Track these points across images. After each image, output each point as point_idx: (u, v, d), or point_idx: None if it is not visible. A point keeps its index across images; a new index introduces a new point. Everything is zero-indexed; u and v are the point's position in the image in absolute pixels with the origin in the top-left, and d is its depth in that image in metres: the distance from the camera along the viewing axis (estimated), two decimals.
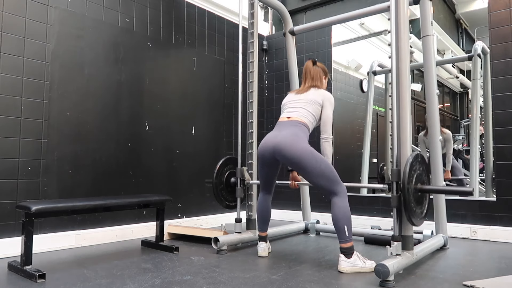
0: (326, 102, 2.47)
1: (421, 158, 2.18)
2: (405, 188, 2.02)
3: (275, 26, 5.04)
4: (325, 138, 2.41)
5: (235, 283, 1.96)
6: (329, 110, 2.46)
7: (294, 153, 2.27)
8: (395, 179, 2.11)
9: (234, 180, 2.97)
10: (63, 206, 2.25)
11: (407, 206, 2.03)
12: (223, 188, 2.95)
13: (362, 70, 4.74)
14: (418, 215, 2.13)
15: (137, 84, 3.31)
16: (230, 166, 3.01)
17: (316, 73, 2.60)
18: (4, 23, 2.57)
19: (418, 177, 2.13)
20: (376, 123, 4.65)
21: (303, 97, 2.51)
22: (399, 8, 2.32)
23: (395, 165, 2.17)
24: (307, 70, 2.62)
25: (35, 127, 2.69)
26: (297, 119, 2.43)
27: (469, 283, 1.96)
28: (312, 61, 2.64)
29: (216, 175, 2.90)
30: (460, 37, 5.25)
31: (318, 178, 2.27)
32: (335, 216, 2.25)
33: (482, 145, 3.90)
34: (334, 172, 2.30)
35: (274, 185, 2.65)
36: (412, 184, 2.08)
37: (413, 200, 2.08)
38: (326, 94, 2.51)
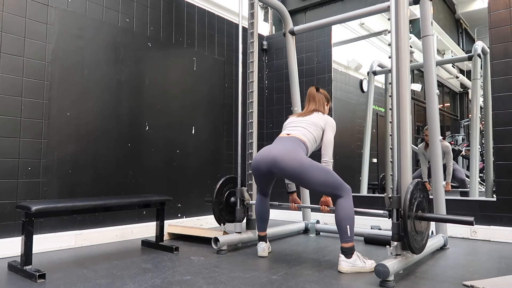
0: (328, 126, 2.50)
1: (421, 185, 2.18)
2: (406, 216, 2.02)
3: (275, 26, 5.04)
4: (325, 162, 2.41)
5: (235, 283, 1.96)
6: (330, 134, 2.48)
7: (291, 166, 2.25)
8: (396, 206, 2.11)
9: (234, 200, 2.98)
10: (63, 206, 2.25)
11: (408, 235, 2.03)
12: (223, 208, 2.96)
13: (362, 70, 4.74)
14: (418, 242, 2.13)
15: (137, 84, 3.31)
16: (230, 185, 3.02)
17: (319, 99, 2.66)
18: (4, 23, 2.57)
19: (418, 204, 2.13)
20: (376, 123, 4.65)
21: (306, 119, 2.55)
22: (399, 8, 2.32)
23: (395, 192, 2.15)
24: (310, 96, 2.67)
25: (35, 127, 2.69)
26: (296, 136, 2.44)
27: (469, 283, 1.96)
28: (315, 87, 2.70)
29: (216, 194, 2.91)
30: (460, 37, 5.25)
31: (320, 187, 2.28)
32: (339, 216, 2.25)
33: (482, 145, 3.90)
34: (336, 177, 2.30)
35: (271, 188, 2.65)
36: (413, 212, 2.08)
37: (413, 227, 2.08)
38: (328, 119, 2.55)
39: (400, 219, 2.08)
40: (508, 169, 3.09)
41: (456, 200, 3.38)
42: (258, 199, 2.64)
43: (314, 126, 2.50)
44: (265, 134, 4.72)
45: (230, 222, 3.00)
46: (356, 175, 4.47)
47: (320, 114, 2.58)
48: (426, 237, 2.22)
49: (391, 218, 2.13)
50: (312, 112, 2.60)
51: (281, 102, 4.67)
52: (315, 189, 2.30)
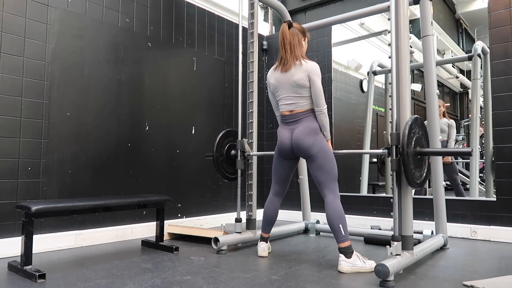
0: (312, 75, 2.36)
1: (420, 122, 2.19)
2: (404, 152, 2.03)
3: (275, 26, 5.04)
4: (319, 110, 2.39)
5: (235, 283, 1.96)
6: (317, 82, 2.37)
7: (307, 144, 2.36)
8: (394, 143, 2.12)
9: (234, 152, 2.99)
10: (63, 206, 2.25)
11: (406, 169, 2.04)
12: (223, 160, 2.96)
13: (362, 70, 4.74)
14: (418, 178, 2.14)
15: (137, 84, 3.31)
16: (230, 138, 3.02)
17: (293, 37, 2.43)
18: (4, 23, 2.57)
19: (417, 140, 2.14)
20: (376, 123, 4.65)
21: (289, 79, 2.41)
22: (399, 8, 2.32)
23: (395, 129, 2.17)
24: (283, 36, 2.44)
25: (35, 127, 2.69)
26: (299, 110, 2.44)
27: (469, 283, 1.96)
28: (288, 23, 2.47)
29: (216, 147, 2.91)
30: (460, 37, 5.25)
31: (318, 169, 2.33)
32: (330, 217, 2.28)
33: (482, 145, 3.90)
34: (335, 170, 2.36)
35: (287, 186, 2.65)
36: (412, 147, 2.09)
37: (412, 163, 2.08)
38: (309, 67, 2.37)
39: (399, 155, 2.09)
40: (508, 169, 3.08)
41: (456, 200, 3.38)
42: (270, 199, 2.65)
43: (301, 87, 2.39)
44: (265, 134, 4.72)
45: (231, 174, 3.01)
46: (356, 175, 4.47)
47: (299, 65, 2.38)
48: (425, 174, 2.23)
49: (390, 155, 2.14)
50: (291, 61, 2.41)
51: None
52: (315, 169, 2.35)
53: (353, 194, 4.03)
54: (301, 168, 3.67)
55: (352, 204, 3.86)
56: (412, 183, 2.09)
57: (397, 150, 2.11)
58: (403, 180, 2.16)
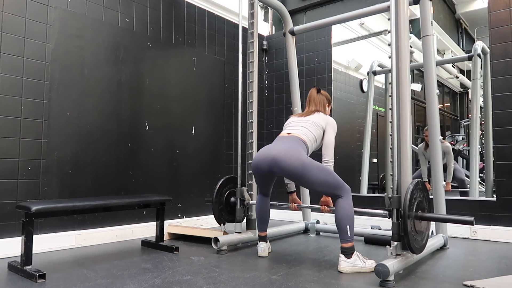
0: (329, 127, 2.50)
1: (421, 185, 2.18)
2: (406, 215, 2.02)
3: (275, 26, 5.04)
4: (327, 162, 2.42)
5: (235, 283, 1.96)
6: (331, 135, 2.48)
7: (291, 165, 2.24)
8: (396, 206, 2.11)
9: (234, 200, 2.98)
10: (63, 206, 2.25)
11: (408, 235, 2.02)
12: (223, 208, 2.96)
13: (362, 70, 4.74)
14: (419, 242, 2.13)
15: (137, 84, 3.31)
16: (230, 185, 3.02)
17: (320, 101, 2.66)
18: (4, 23, 2.57)
19: (418, 204, 2.13)
20: (376, 123, 4.65)
21: (306, 119, 2.55)
22: (399, 8, 2.32)
23: (395, 192, 2.15)
24: (311, 97, 2.68)
25: (35, 127, 2.69)
26: (297, 135, 2.44)
27: (469, 283, 1.96)
28: (317, 89, 2.71)
29: (216, 194, 2.91)
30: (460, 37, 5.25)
31: (320, 187, 2.28)
32: (338, 216, 2.26)
33: (482, 145, 3.90)
34: (336, 177, 2.30)
35: (271, 188, 2.65)
36: (413, 211, 2.08)
37: (413, 227, 2.08)
38: (329, 119, 2.55)
39: (400, 219, 2.08)
40: (508, 169, 3.09)
41: (456, 200, 3.38)
42: (259, 199, 2.65)
43: (315, 125, 2.50)
44: (265, 134, 4.72)
45: (230, 222, 3.00)
46: (356, 175, 4.47)
47: (321, 114, 2.59)
48: (426, 237, 2.22)
49: (391, 218, 2.13)
50: (313, 112, 2.61)
51: (281, 102, 4.67)
52: (315, 188, 2.30)
53: (353, 194, 3.98)
54: None
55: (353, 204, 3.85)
56: (413, 250, 2.06)
57: (398, 213, 2.10)
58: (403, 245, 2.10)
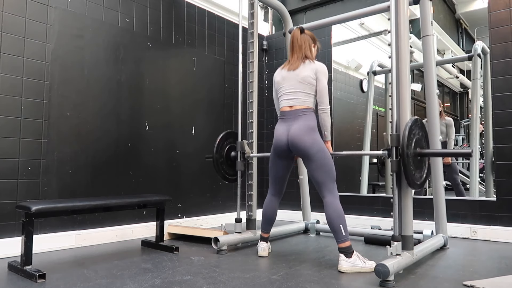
0: (320, 74, 2.43)
1: (420, 123, 2.19)
2: (404, 153, 2.03)
3: (275, 26, 5.04)
4: (323, 109, 2.42)
5: (235, 283, 1.96)
6: (323, 81, 2.44)
7: (305, 143, 2.34)
8: (394, 144, 2.12)
9: (234, 154, 2.99)
10: (63, 206, 2.25)
11: (406, 170, 2.04)
12: (223, 161, 2.96)
13: (362, 70, 4.74)
14: (418, 179, 2.14)
15: (137, 84, 3.31)
16: (230, 140, 3.02)
17: (304, 41, 2.50)
18: (4, 23, 2.57)
19: (417, 141, 2.14)
20: (376, 123, 4.65)
21: (296, 76, 2.45)
22: (399, 8, 2.32)
23: (394, 130, 2.17)
24: (294, 39, 2.51)
25: (35, 127, 2.69)
26: (300, 107, 2.43)
27: (469, 283, 1.96)
28: (300, 28, 2.55)
29: (216, 149, 2.91)
30: (460, 37, 5.25)
31: (318, 169, 2.32)
32: (330, 217, 2.27)
33: (482, 145, 3.90)
34: (333, 170, 2.35)
35: (285, 185, 2.64)
36: (412, 148, 2.09)
37: (412, 164, 2.08)
38: (318, 66, 2.45)
39: (399, 156, 2.09)
40: (508, 169, 3.09)
41: (456, 200, 3.38)
42: (268, 199, 2.65)
43: (307, 83, 2.43)
44: (265, 134, 4.72)
45: (231, 176, 3.01)
46: (356, 175, 4.47)
47: (308, 64, 2.45)
48: (425, 174, 2.23)
49: (390, 156, 2.14)
50: (299, 61, 2.47)
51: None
52: (314, 170, 2.34)
53: (353, 194, 4.03)
54: (301, 168, 3.67)
55: (352, 204, 3.86)
56: (412, 184, 2.09)
57: (397, 151, 2.11)
58: (403, 181, 2.17)
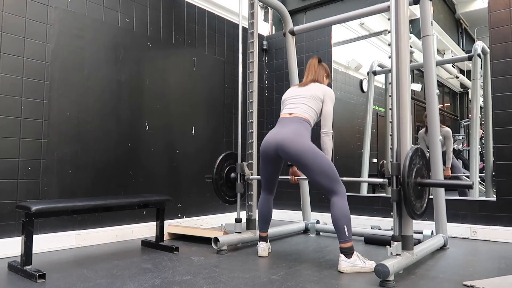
0: (327, 97, 2.50)
1: (421, 152, 2.19)
2: (405, 182, 2.03)
3: (275, 26, 5.04)
4: (325, 133, 2.43)
5: (235, 283, 1.96)
6: (329, 105, 2.49)
7: (296, 150, 2.29)
8: (395, 173, 2.12)
9: (234, 175, 2.98)
10: (63, 206, 2.25)
11: (407, 200, 2.04)
12: (223, 183, 2.96)
13: (362, 70, 4.74)
14: (418, 209, 2.13)
15: (137, 84, 3.31)
16: (230, 161, 3.01)
17: (319, 70, 2.65)
18: (4, 23, 2.57)
19: (418, 171, 2.14)
20: (376, 123, 4.65)
21: (304, 92, 2.53)
22: (399, 8, 2.32)
23: (395, 159, 2.17)
24: (310, 65, 2.66)
25: (35, 127, 2.69)
26: (299, 115, 2.45)
27: (469, 283, 1.96)
28: (318, 58, 2.69)
29: (216, 170, 2.90)
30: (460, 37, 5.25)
31: (318, 175, 2.28)
32: (335, 216, 2.25)
33: (482, 145, 3.90)
34: (335, 171, 2.31)
35: (276, 184, 2.65)
36: (412, 178, 2.09)
37: (413, 194, 2.08)
38: (327, 89, 2.54)
39: (399, 185, 2.09)
40: (508, 169, 3.09)
41: (456, 200, 3.38)
42: (262, 198, 2.65)
43: (314, 99, 2.48)
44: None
45: (230, 197, 3.00)
46: (356, 175, 4.47)
47: (318, 85, 2.56)
48: (425, 204, 2.23)
49: (391, 185, 2.14)
50: (310, 82, 2.59)
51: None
52: (314, 177, 2.30)
53: (353, 194, 4.02)
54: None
55: (352, 204, 3.83)
56: (412, 215, 2.07)
57: (398, 180, 2.10)
58: (403, 211, 2.13)
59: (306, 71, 2.68)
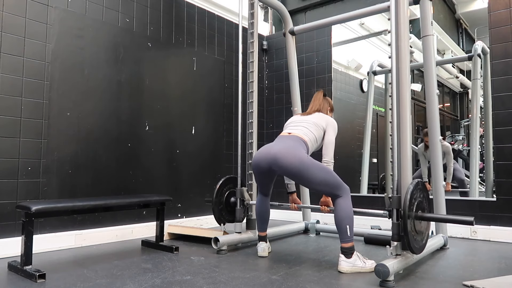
0: (329, 127, 2.52)
1: (421, 185, 2.18)
2: (406, 216, 2.01)
3: (275, 26, 5.04)
4: (326, 162, 2.42)
5: (235, 283, 1.96)
6: (332, 135, 2.49)
7: (291, 163, 2.24)
8: (396, 206, 2.11)
9: (234, 200, 2.98)
10: (63, 206, 2.25)
11: (408, 236, 2.02)
12: (223, 208, 2.96)
13: (362, 70, 4.74)
14: (419, 242, 2.13)
15: (137, 84, 3.31)
16: (230, 185, 3.02)
17: (324, 103, 2.70)
18: (4, 23, 2.57)
19: (418, 204, 2.13)
20: (376, 123, 4.65)
21: (308, 119, 2.57)
22: (399, 8, 2.32)
23: (395, 192, 2.15)
24: (316, 98, 2.72)
25: (35, 127, 2.69)
26: (297, 135, 2.45)
27: (469, 283, 1.96)
28: (323, 92, 2.75)
29: (216, 194, 2.91)
30: (460, 37, 5.25)
31: (319, 186, 2.28)
32: (338, 217, 2.25)
33: (482, 145, 3.90)
34: (335, 177, 2.29)
35: (271, 187, 2.65)
36: (413, 212, 2.08)
37: (414, 228, 2.08)
38: (330, 119, 2.57)
39: (400, 219, 2.08)
40: (508, 169, 3.08)
41: (456, 200, 3.38)
42: (259, 199, 2.65)
43: (316, 126, 2.51)
44: (265, 134, 4.72)
45: (230, 222, 3.00)
46: (356, 175, 4.47)
47: (322, 114, 2.61)
48: (426, 237, 2.22)
49: (391, 218, 2.13)
50: (314, 112, 2.64)
51: (281, 102, 4.67)
52: (315, 187, 2.30)
53: (353, 194, 3.98)
54: None
55: (352, 204, 3.85)
56: (413, 250, 2.06)
57: (398, 213, 2.10)
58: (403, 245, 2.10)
59: (311, 103, 2.73)
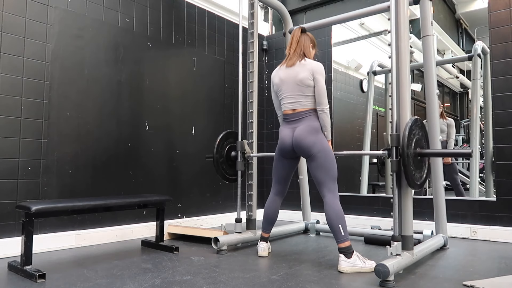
0: (317, 75, 2.41)
1: (420, 123, 2.19)
2: (405, 153, 2.03)
3: (275, 26, 5.04)
4: (322, 110, 2.41)
5: (235, 283, 1.96)
6: (321, 81, 2.41)
7: (307, 143, 2.36)
8: (395, 144, 2.13)
9: (234, 154, 2.99)
10: (63, 206, 2.25)
11: (406, 170, 2.05)
12: (223, 161, 2.96)
13: (362, 70, 4.74)
14: (418, 179, 2.14)
15: (137, 84, 3.31)
16: (231, 140, 3.02)
17: (304, 40, 2.51)
18: (4, 23, 2.57)
19: (417, 141, 2.14)
20: (376, 123, 4.65)
21: (294, 78, 2.44)
22: (399, 8, 2.32)
23: (395, 130, 2.18)
24: (294, 37, 2.52)
25: (35, 127, 2.69)
26: (302, 109, 2.45)
27: (469, 283, 1.96)
28: (301, 28, 2.55)
29: (217, 149, 2.91)
30: (460, 37, 5.25)
31: (318, 168, 2.34)
32: (329, 217, 2.28)
33: (482, 145, 3.90)
34: (335, 170, 2.36)
35: (288, 185, 2.65)
36: (412, 148, 2.09)
37: (412, 164, 2.09)
38: (314, 66, 2.42)
39: (399, 156, 2.10)
40: (508, 169, 3.08)
41: (456, 200, 3.38)
42: (271, 198, 2.65)
43: (306, 86, 2.42)
44: (265, 134, 4.72)
45: (231, 175, 3.01)
46: (356, 175, 4.47)
47: (304, 62, 2.44)
48: (425, 174, 2.23)
49: (390, 156, 2.14)
50: (297, 57, 2.47)
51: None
52: (315, 168, 2.35)
53: (353, 194, 4.02)
54: (301, 168, 3.67)
55: (352, 204, 3.86)
56: (412, 184, 2.09)
57: (397, 151, 2.12)
58: (403, 181, 2.17)
59: (289, 42, 2.54)
